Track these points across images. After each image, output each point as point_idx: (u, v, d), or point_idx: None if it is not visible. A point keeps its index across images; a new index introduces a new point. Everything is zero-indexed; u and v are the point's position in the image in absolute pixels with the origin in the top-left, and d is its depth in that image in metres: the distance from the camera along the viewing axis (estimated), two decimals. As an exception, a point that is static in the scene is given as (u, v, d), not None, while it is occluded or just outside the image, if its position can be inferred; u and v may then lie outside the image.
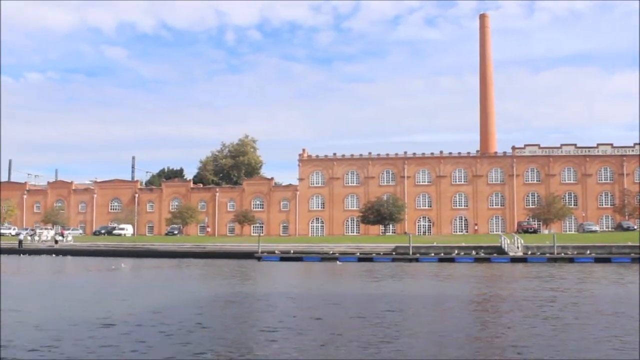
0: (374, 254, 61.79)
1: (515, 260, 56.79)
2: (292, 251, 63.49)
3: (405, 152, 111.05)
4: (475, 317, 20.05)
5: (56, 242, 76.92)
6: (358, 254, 61.88)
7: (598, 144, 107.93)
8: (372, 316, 19.24)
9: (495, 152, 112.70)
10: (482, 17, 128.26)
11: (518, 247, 61.17)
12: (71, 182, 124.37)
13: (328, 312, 20.17)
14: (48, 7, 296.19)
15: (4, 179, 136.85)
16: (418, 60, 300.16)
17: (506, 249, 60.98)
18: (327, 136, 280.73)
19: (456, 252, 61.27)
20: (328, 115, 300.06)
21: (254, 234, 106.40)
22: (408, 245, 63.27)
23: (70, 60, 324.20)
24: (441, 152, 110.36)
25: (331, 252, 62.74)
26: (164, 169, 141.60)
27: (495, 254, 59.99)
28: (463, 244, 65.53)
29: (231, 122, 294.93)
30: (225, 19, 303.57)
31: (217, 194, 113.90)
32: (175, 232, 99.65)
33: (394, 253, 62.58)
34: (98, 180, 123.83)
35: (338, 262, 56.71)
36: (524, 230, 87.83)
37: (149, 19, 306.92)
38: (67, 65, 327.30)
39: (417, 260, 58.87)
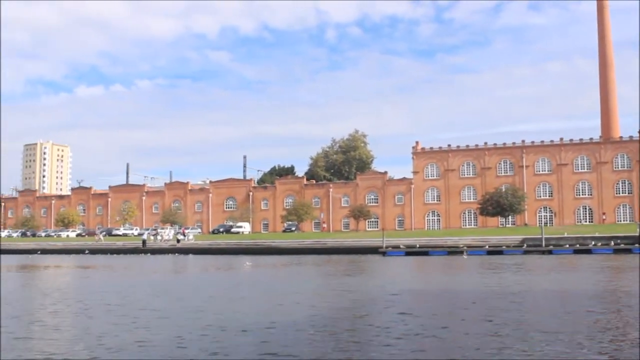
0: (503, 247, 59.22)
1: (660, 250, 52.93)
2: (417, 245, 61.66)
3: (523, 141, 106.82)
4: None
5: (178, 241, 77.82)
6: (487, 247, 59.36)
7: None
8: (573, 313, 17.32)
9: (620, 137, 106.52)
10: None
11: (661, 237, 57.08)
12: (187, 183, 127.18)
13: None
14: (155, 16, 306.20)
15: (123, 181, 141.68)
16: (523, 47, 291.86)
17: (647, 239, 57.06)
18: (434, 129, 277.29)
19: (592, 243, 57.76)
20: (433, 108, 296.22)
21: (369, 229, 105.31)
22: (538, 236, 60.44)
23: (177, 66, 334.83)
24: (561, 139, 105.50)
25: (462, 245, 60.50)
26: (274, 167, 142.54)
27: (636, 245, 56.11)
28: (597, 234, 61.79)
29: (335, 119, 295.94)
30: (325, 17, 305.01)
31: (331, 189, 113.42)
32: (293, 228, 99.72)
33: (525, 245, 59.62)
34: (213, 180, 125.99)
35: (464, 255, 54.64)
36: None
37: (250, 22, 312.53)
38: (174, 71, 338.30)
39: (550, 252, 55.91)
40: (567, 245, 57.86)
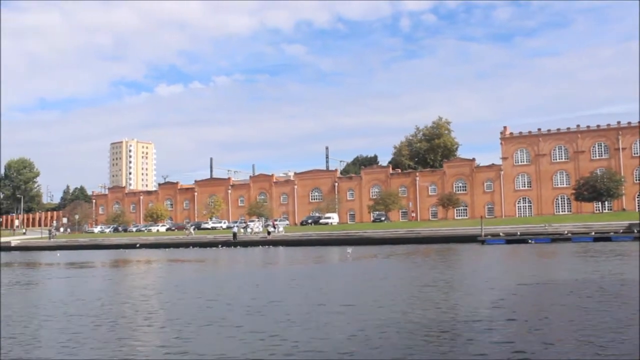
0: (611, 233, 56.47)
1: None
2: (518, 233, 59.50)
3: (619, 122, 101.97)
4: None
5: (269, 233, 77.56)
6: (592, 233, 56.79)
7: None
8: None
9: None
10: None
11: None
12: (272, 175, 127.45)
13: None
14: (230, 14, 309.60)
15: (206, 176, 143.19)
16: (606, 27, 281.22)
17: None
18: (516, 114, 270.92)
19: None
20: (514, 93, 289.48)
21: (458, 218, 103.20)
22: (647, 221, 57.69)
23: (254, 61, 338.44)
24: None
25: (565, 232, 58.09)
26: (357, 157, 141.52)
27: None
28: None
29: (413, 108, 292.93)
30: (398, 6, 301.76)
31: (417, 178, 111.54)
32: (383, 218, 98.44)
33: (635, 231, 56.59)
34: (297, 172, 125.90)
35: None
36: None
37: (324, 14, 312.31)
38: (251, 66, 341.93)
39: (661, 237, 52.96)
40: (683, 231, 54.72)
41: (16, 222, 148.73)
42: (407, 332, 13.02)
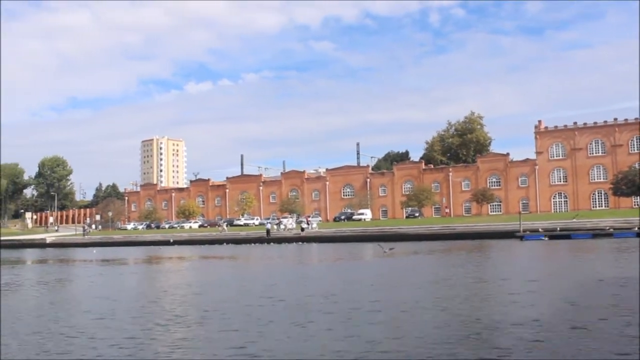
0: (655, 228, 55.12)
1: None
2: (558, 228, 58.36)
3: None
4: None
5: (302, 229, 77.08)
6: (636, 228, 55.46)
7: None
8: None
9: None
10: None
11: None
12: (303, 172, 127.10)
13: None
14: (258, 11, 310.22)
15: (238, 173, 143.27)
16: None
17: None
18: (548, 108, 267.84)
19: None
20: (545, 86, 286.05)
21: (492, 213, 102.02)
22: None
23: (282, 58, 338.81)
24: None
25: (607, 227, 56.88)
26: (389, 153, 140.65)
27: None
28: None
29: (443, 103, 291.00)
30: (427, 1, 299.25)
31: (450, 173, 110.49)
32: (416, 214, 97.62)
33: (679, 226, 55.29)
34: (329, 168, 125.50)
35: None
36: None
37: (353, 10, 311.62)
38: (279, 63, 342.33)
39: None
40: None
41: (50, 219, 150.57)
42: (490, 329, 12.56)
